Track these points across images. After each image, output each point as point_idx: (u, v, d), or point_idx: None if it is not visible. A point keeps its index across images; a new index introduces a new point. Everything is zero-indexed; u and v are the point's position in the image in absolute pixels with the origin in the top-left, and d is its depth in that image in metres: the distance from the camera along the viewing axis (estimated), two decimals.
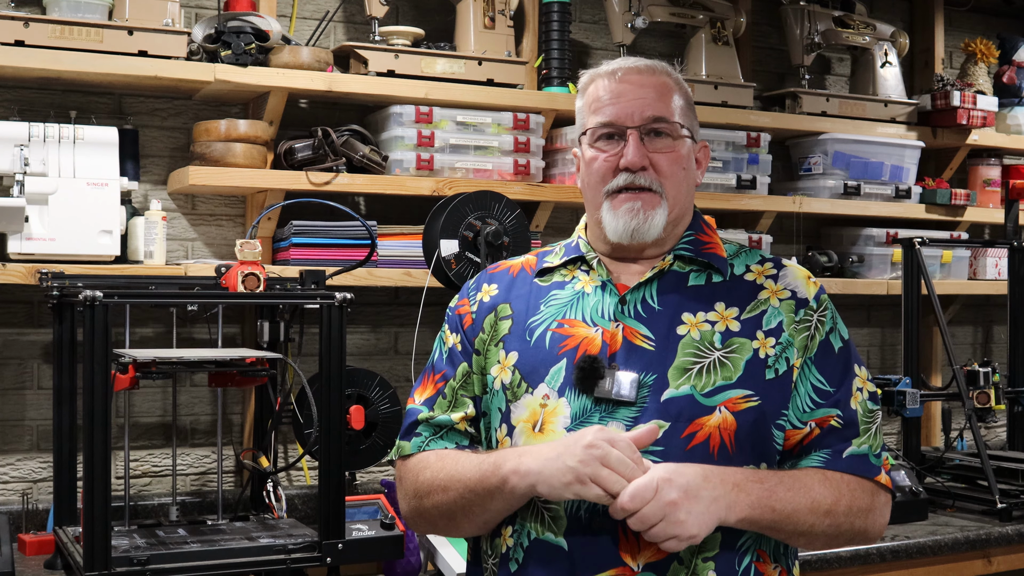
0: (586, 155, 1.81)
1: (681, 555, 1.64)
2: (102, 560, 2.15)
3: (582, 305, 1.78)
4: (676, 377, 1.69)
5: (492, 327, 1.82)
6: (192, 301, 2.61)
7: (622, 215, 1.75)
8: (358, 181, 3.03)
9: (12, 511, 2.75)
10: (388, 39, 3.14)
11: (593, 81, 1.82)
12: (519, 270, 1.89)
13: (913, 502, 3.10)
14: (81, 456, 2.43)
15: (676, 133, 1.79)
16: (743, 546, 1.69)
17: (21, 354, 2.92)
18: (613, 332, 1.73)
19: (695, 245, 1.82)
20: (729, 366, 1.70)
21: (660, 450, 1.65)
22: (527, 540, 1.70)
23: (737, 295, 1.77)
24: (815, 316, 1.78)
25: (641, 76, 1.79)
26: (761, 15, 3.95)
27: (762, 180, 3.62)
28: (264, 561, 2.31)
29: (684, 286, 1.78)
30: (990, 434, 4.35)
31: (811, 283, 1.82)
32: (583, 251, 1.84)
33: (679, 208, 1.80)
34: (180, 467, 3.06)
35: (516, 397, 1.74)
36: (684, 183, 1.81)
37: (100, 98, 2.99)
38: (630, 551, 1.64)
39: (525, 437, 1.72)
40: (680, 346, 1.71)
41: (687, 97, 1.83)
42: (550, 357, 1.74)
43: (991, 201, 4.16)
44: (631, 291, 1.77)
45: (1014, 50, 4.27)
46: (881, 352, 4.24)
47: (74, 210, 2.70)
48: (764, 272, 1.81)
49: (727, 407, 1.68)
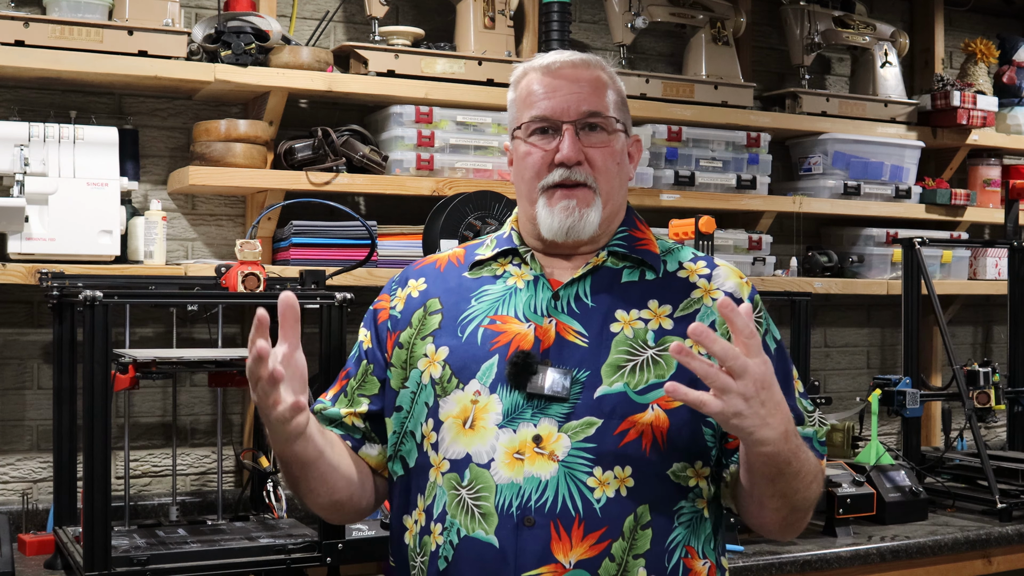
0: (520, 149, 1.80)
1: (613, 552, 1.64)
2: (102, 560, 2.16)
3: (514, 301, 1.77)
4: (609, 374, 1.69)
5: (421, 322, 1.80)
6: (192, 301, 2.61)
7: (557, 213, 1.74)
8: (358, 181, 3.03)
9: (12, 511, 2.75)
10: (388, 39, 3.14)
11: (527, 74, 1.81)
12: (446, 263, 1.87)
13: (913, 502, 3.10)
14: (81, 456, 2.43)
15: (611, 128, 1.78)
16: (672, 543, 1.69)
17: (21, 354, 2.92)
18: (546, 328, 1.73)
19: (629, 241, 1.81)
20: (662, 364, 1.70)
21: (593, 447, 1.66)
22: (457, 538, 1.68)
23: (670, 293, 1.77)
24: (752, 318, 1.78)
25: (576, 70, 1.78)
26: (761, 15, 3.95)
27: (762, 180, 3.62)
28: (264, 561, 2.31)
29: (618, 283, 1.78)
30: (990, 434, 4.35)
31: (744, 284, 1.82)
32: (516, 243, 1.83)
33: (613, 204, 1.79)
34: (180, 467, 3.06)
35: (445, 392, 1.73)
36: (618, 178, 1.80)
37: (100, 98, 2.99)
38: (562, 548, 1.64)
39: (454, 433, 1.71)
40: (613, 343, 1.71)
41: (620, 91, 1.83)
42: (482, 353, 1.73)
43: (991, 201, 4.16)
44: (564, 287, 1.76)
45: (1014, 50, 4.27)
46: (881, 352, 4.24)
47: (74, 210, 2.70)
48: (697, 271, 1.81)
49: (660, 405, 1.68)
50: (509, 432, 1.67)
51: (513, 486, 1.65)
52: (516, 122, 1.81)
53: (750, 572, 2.65)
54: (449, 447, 1.71)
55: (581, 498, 1.65)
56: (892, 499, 3.06)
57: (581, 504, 1.64)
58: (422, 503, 1.74)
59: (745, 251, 3.59)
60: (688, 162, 3.51)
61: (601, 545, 1.64)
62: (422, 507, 1.74)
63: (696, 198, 3.48)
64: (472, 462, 1.68)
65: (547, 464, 1.65)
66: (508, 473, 1.66)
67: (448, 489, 1.70)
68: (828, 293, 3.77)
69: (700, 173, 3.50)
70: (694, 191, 3.49)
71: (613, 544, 1.64)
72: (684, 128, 3.49)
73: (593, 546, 1.63)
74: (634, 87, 3.43)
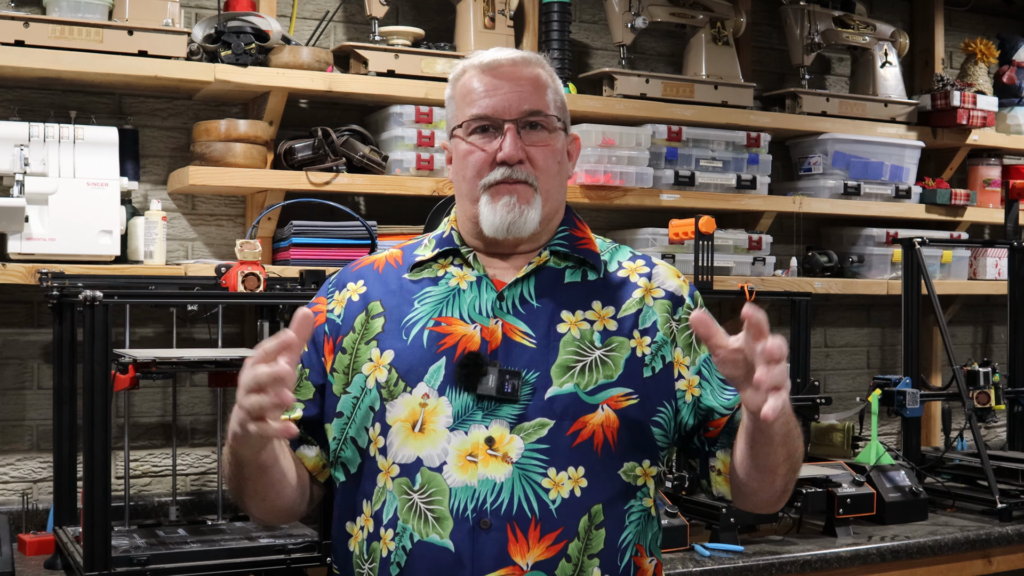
0: (460, 148, 1.78)
1: (569, 553, 1.65)
2: (102, 560, 2.16)
3: (458, 302, 1.76)
4: (559, 375, 1.69)
5: (363, 325, 1.78)
6: (192, 301, 2.61)
7: (499, 210, 1.73)
8: (358, 181, 3.03)
9: (12, 511, 2.75)
10: (388, 39, 3.14)
11: (466, 72, 1.79)
12: (384, 265, 1.85)
13: (913, 502, 3.10)
14: (81, 456, 2.43)
15: (551, 126, 1.77)
16: (623, 542, 1.71)
17: (21, 354, 2.92)
18: (492, 329, 1.72)
19: (570, 241, 1.81)
20: (610, 364, 1.71)
21: (547, 448, 1.66)
22: (410, 543, 1.66)
23: (612, 293, 1.77)
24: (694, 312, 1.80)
25: (516, 68, 1.77)
26: (761, 15, 3.95)
27: (762, 180, 3.62)
28: (264, 561, 2.31)
29: (561, 283, 1.78)
30: (990, 434, 4.35)
31: (683, 282, 1.83)
32: (457, 244, 1.81)
33: (553, 202, 1.79)
34: (180, 467, 3.06)
35: (392, 396, 1.71)
36: (558, 176, 1.80)
37: (100, 98, 2.99)
38: (520, 550, 1.63)
39: (403, 436, 1.69)
40: (561, 344, 1.71)
41: (560, 90, 1.82)
42: (428, 356, 1.72)
43: (991, 201, 4.16)
44: (509, 287, 1.75)
45: (1014, 50, 4.27)
46: (881, 352, 4.24)
47: (74, 210, 2.70)
48: (637, 270, 1.82)
49: (609, 405, 1.69)
50: (460, 434, 1.66)
51: (467, 489, 1.64)
52: (456, 120, 1.79)
53: (750, 572, 2.65)
54: (398, 451, 1.69)
55: (537, 499, 1.64)
56: (892, 499, 3.06)
57: (537, 505, 1.64)
58: (368, 509, 1.72)
59: (745, 251, 3.59)
60: (688, 162, 3.51)
61: (558, 546, 1.65)
62: (369, 513, 1.72)
63: (696, 198, 3.48)
64: (423, 466, 1.67)
65: (501, 466, 1.65)
66: (462, 476, 1.65)
67: (399, 494, 1.68)
68: (828, 293, 3.77)
69: (700, 173, 3.50)
70: (694, 191, 3.49)
71: (569, 544, 1.65)
72: (684, 128, 3.49)
73: (550, 547, 1.64)
74: (634, 87, 3.43)
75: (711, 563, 2.63)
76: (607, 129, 3.33)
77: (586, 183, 3.30)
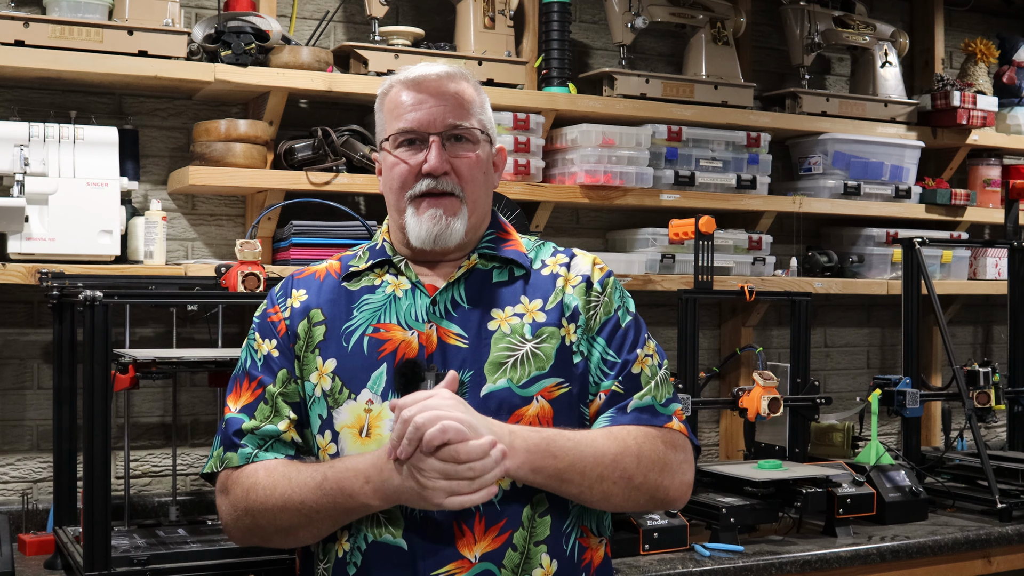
0: (387, 160, 1.86)
1: (515, 542, 1.72)
2: (102, 560, 2.16)
3: (395, 308, 1.83)
4: (492, 372, 1.76)
5: (307, 333, 1.84)
6: (192, 301, 2.61)
7: (425, 221, 1.80)
8: (358, 181, 3.03)
9: (12, 511, 2.75)
10: (388, 39, 3.14)
11: (393, 87, 1.87)
12: (324, 274, 1.91)
13: (913, 502, 3.10)
14: (81, 456, 2.43)
15: (476, 138, 1.85)
16: (568, 527, 1.77)
17: (21, 354, 2.92)
18: (428, 333, 1.79)
19: (496, 243, 1.89)
20: (541, 356, 1.78)
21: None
22: (364, 543, 1.75)
23: (538, 288, 1.85)
24: (602, 296, 1.85)
25: (441, 83, 1.83)
26: (761, 15, 3.95)
27: (762, 180, 3.62)
28: (264, 561, 2.31)
29: (489, 283, 1.85)
30: (990, 434, 4.35)
31: (597, 268, 1.89)
32: (389, 254, 1.88)
33: (479, 212, 1.86)
34: (180, 467, 3.06)
35: (338, 403, 1.79)
36: (483, 187, 1.87)
37: (100, 98, 2.99)
38: (467, 544, 1.71)
39: (351, 442, 1.77)
40: (493, 341, 1.78)
41: (485, 104, 1.89)
42: (369, 362, 1.79)
43: (991, 201, 4.16)
44: (440, 292, 1.83)
45: (1014, 50, 4.27)
46: (881, 352, 4.24)
47: (74, 210, 2.70)
48: (558, 262, 1.89)
49: (543, 396, 1.77)
50: None
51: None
52: (384, 134, 1.87)
53: (750, 572, 2.65)
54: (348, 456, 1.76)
55: None
56: (892, 499, 3.06)
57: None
58: None
59: (745, 251, 3.59)
60: (688, 162, 3.51)
61: (503, 537, 1.72)
62: None
63: (696, 198, 3.48)
64: None
65: None
66: None
67: None
68: (828, 293, 3.77)
69: (700, 173, 3.50)
70: (694, 191, 3.49)
71: (514, 535, 1.73)
72: (684, 128, 3.49)
73: (496, 538, 1.72)
74: (634, 87, 3.43)
75: (711, 563, 2.63)
76: (607, 129, 3.33)
77: (586, 183, 3.30)
